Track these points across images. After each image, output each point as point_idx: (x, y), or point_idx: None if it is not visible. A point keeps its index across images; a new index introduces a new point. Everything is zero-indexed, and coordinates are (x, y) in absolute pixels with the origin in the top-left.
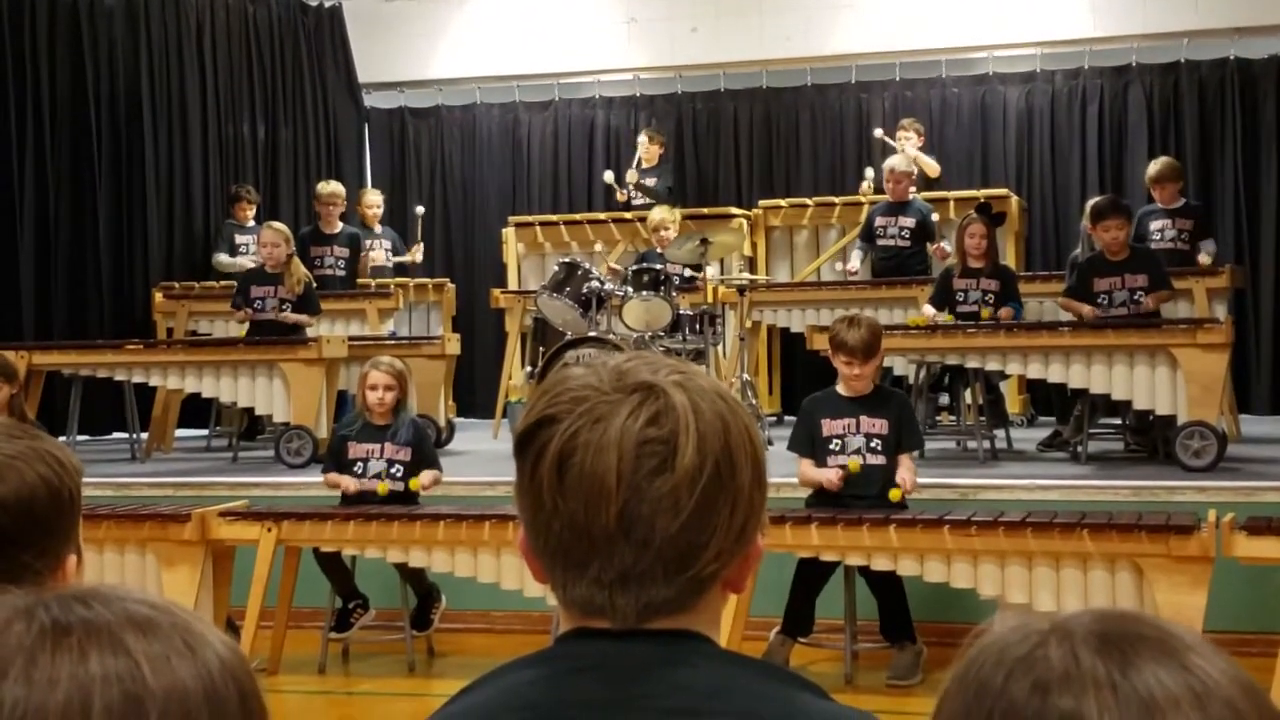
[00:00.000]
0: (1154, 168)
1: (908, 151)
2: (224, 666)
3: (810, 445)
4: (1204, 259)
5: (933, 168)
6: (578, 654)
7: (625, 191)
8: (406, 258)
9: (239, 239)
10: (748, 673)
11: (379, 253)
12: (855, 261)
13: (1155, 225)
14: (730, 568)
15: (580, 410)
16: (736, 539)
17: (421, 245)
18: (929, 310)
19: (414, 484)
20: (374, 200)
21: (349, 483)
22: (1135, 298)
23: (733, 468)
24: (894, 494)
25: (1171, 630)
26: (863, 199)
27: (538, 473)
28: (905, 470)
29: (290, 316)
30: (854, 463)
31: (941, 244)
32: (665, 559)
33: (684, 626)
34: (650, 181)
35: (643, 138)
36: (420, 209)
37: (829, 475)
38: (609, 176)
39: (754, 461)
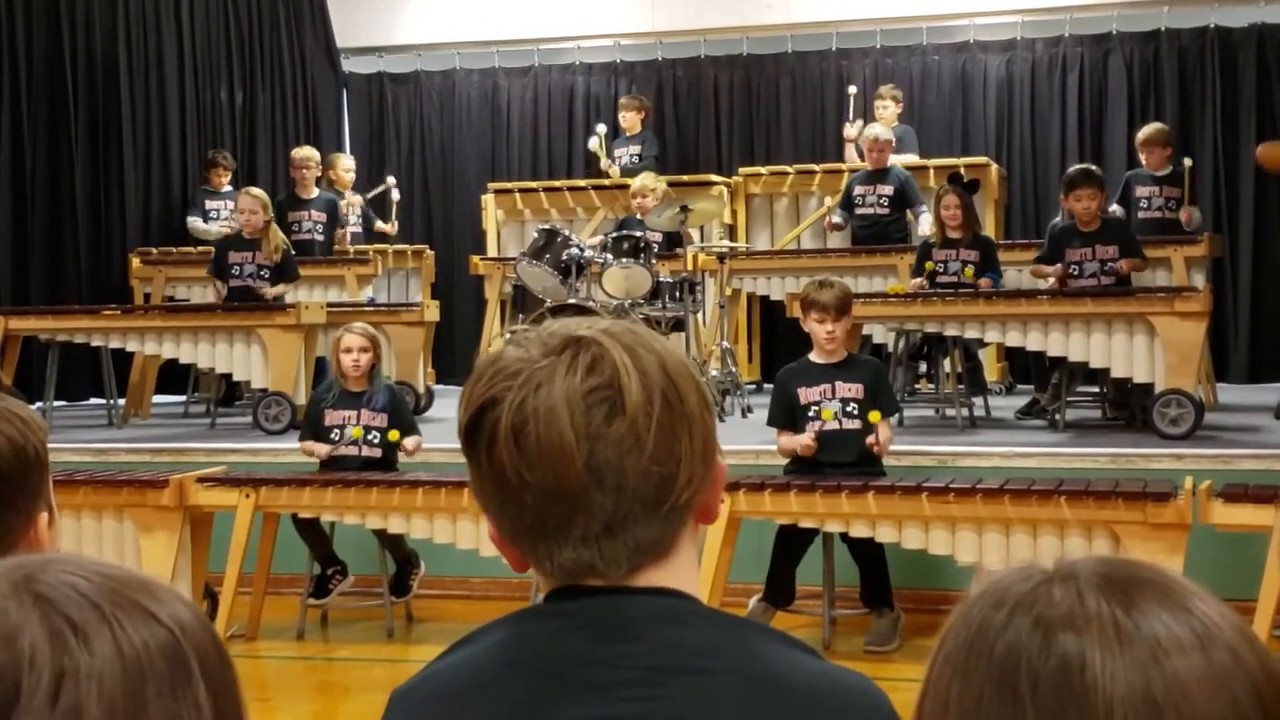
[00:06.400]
0: (1144, 132)
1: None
2: (194, 614)
3: (790, 417)
4: (1185, 214)
5: (909, 161)
6: (566, 611)
7: (612, 163)
8: (386, 227)
9: (210, 204)
10: (738, 632)
11: (353, 224)
12: (838, 216)
13: (1142, 191)
14: (702, 493)
15: (518, 383)
16: (701, 462)
17: (395, 224)
18: (914, 283)
19: (393, 435)
20: (345, 164)
21: (320, 448)
22: (1106, 268)
23: (679, 395)
24: (873, 416)
25: (1173, 576)
26: (845, 167)
27: (494, 454)
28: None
29: (269, 291)
30: (827, 412)
31: (921, 228)
32: (642, 497)
33: (670, 572)
34: (634, 149)
35: (624, 114)
36: (392, 179)
37: (804, 439)
38: (594, 143)
39: (697, 386)
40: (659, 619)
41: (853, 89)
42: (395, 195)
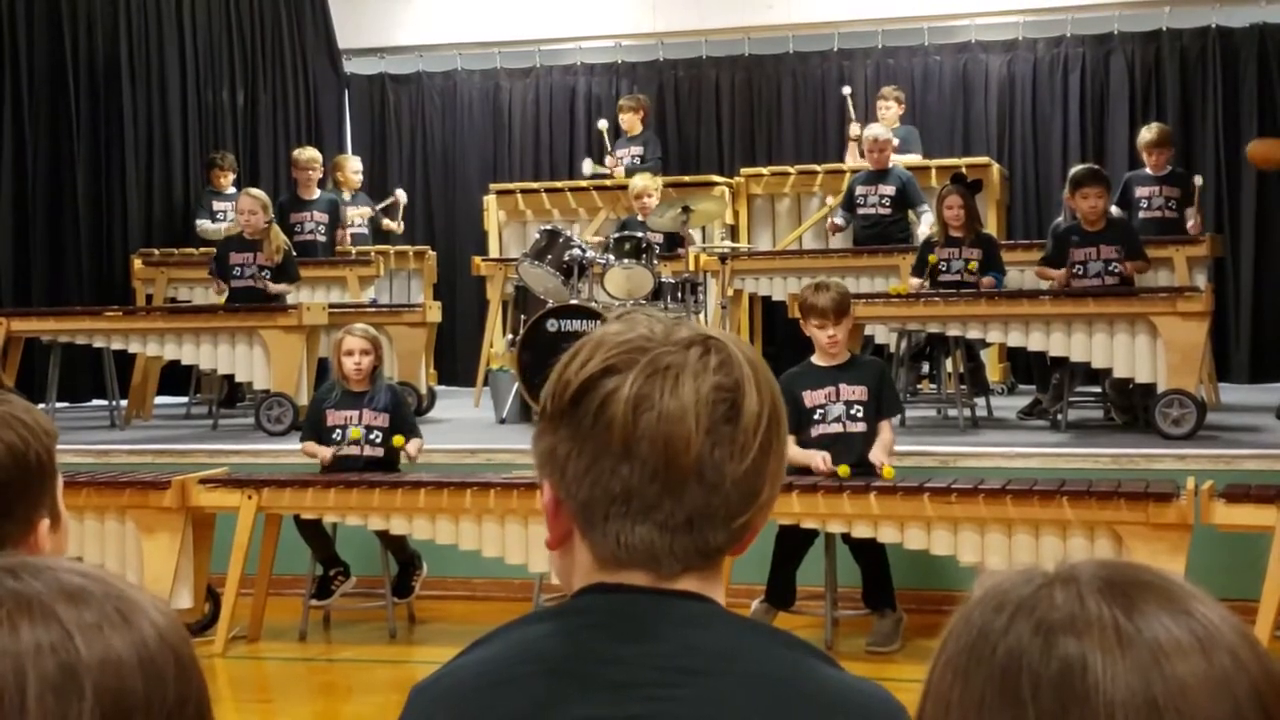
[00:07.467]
0: (1148, 133)
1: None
2: (160, 635)
3: (795, 420)
4: (1192, 221)
5: (913, 161)
6: (592, 609)
7: (614, 163)
8: (393, 225)
9: (217, 205)
10: (758, 637)
11: (362, 209)
12: (839, 217)
13: (1142, 192)
14: (761, 518)
15: (646, 360)
16: (775, 486)
17: (402, 224)
18: (914, 282)
19: (397, 440)
20: (354, 166)
21: (324, 452)
22: (1110, 268)
23: (779, 415)
24: (887, 473)
25: (1174, 579)
26: (846, 167)
27: (604, 418)
28: (879, 449)
29: (272, 287)
30: (844, 469)
31: (921, 229)
32: (730, 502)
33: (708, 582)
34: (636, 150)
35: (618, 111)
36: (401, 193)
37: (816, 459)
38: (588, 167)
39: (785, 415)
40: (680, 621)
41: (847, 89)
42: (402, 198)
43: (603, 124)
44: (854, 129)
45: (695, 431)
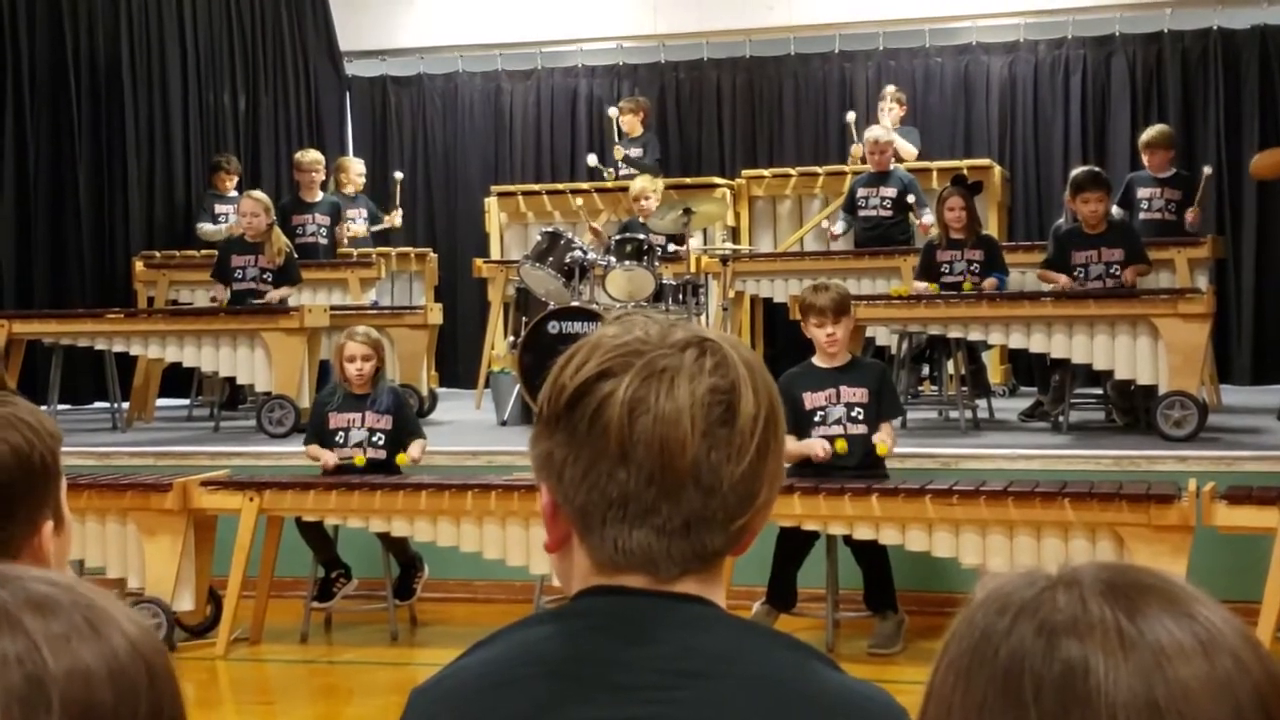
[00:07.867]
0: (1148, 134)
1: (884, 125)
2: (131, 646)
3: (794, 421)
4: (1191, 215)
5: (908, 152)
6: (593, 611)
7: (612, 171)
8: (385, 224)
9: (219, 208)
10: (759, 640)
11: (359, 225)
12: (840, 225)
13: (1144, 193)
14: (761, 517)
15: (641, 363)
16: (774, 488)
17: (400, 210)
18: (919, 286)
19: (401, 459)
20: (358, 168)
21: (328, 458)
22: (1111, 271)
23: (776, 416)
24: (881, 449)
25: (1177, 581)
26: (848, 169)
27: (599, 422)
28: (884, 433)
29: (274, 294)
30: (840, 443)
31: (923, 220)
32: (727, 505)
33: (708, 584)
34: (635, 152)
35: (619, 113)
36: (399, 174)
37: (816, 447)
38: (593, 160)
39: (784, 417)
40: (680, 623)
41: (850, 115)
42: (398, 175)
43: (613, 111)
44: (855, 149)
45: (691, 434)
